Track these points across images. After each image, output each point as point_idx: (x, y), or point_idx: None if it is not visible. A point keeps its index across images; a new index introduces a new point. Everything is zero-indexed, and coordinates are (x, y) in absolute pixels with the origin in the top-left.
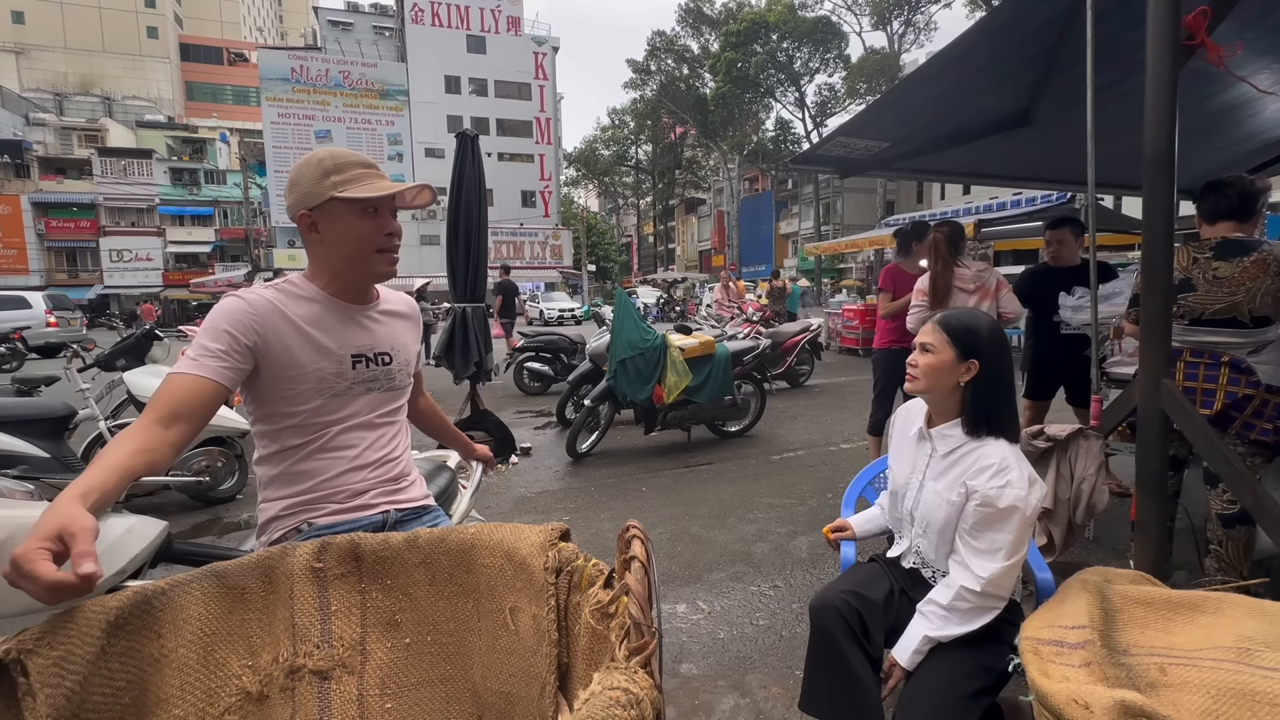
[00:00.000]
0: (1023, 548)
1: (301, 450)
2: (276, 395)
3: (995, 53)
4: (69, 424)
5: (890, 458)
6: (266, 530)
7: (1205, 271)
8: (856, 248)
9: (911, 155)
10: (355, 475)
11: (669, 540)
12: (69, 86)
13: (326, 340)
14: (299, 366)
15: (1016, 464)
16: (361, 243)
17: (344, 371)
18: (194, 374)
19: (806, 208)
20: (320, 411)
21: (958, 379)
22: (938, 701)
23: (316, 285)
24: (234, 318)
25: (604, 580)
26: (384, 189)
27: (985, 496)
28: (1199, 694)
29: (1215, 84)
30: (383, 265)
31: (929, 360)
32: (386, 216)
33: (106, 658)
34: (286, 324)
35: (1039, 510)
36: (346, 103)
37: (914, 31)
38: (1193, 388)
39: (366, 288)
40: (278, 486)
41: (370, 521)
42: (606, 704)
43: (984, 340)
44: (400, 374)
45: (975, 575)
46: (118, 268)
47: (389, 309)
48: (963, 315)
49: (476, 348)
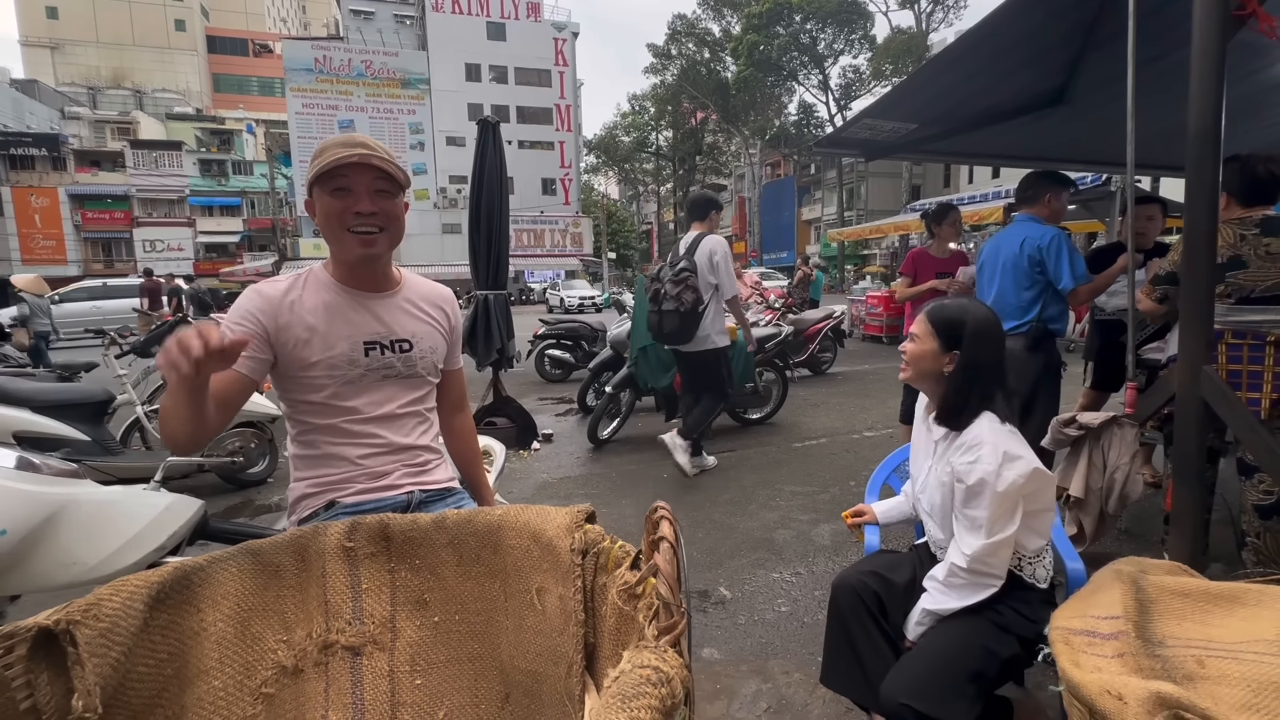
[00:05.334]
0: (1005, 524)
1: (326, 433)
2: (294, 382)
3: (1029, 29)
4: (108, 408)
5: (911, 446)
6: (296, 509)
7: (1256, 248)
8: (881, 233)
9: (940, 137)
10: (380, 459)
11: (690, 526)
12: (101, 80)
13: (335, 327)
14: (309, 354)
15: (991, 440)
16: (333, 222)
17: (356, 359)
18: None
19: (829, 193)
20: (337, 397)
21: (941, 369)
22: (931, 668)
23: (329, 273)
24: (248, 312)
25: (630, 561)
26: (328, 160)
27: (958, 472)
28: (1239, 687)
29: (1265, 57)
30: (355, 246)
31: (913, 349)
32: (359, 196)
33: (149, 630)
34: (296, 313)
35: (1022, 487)
36: (369, 92)
37: (943, 9)
38: (1237, 369)
39: (365, 272)
40: (307, 467)
41: (395, 501)
42: (637, 681)
43: (966, 332)
44: (423, 362)
45: (962, 552)
46: (151, 258)
47: (413, 297)
48: (950, 306)
49: (499, 335)
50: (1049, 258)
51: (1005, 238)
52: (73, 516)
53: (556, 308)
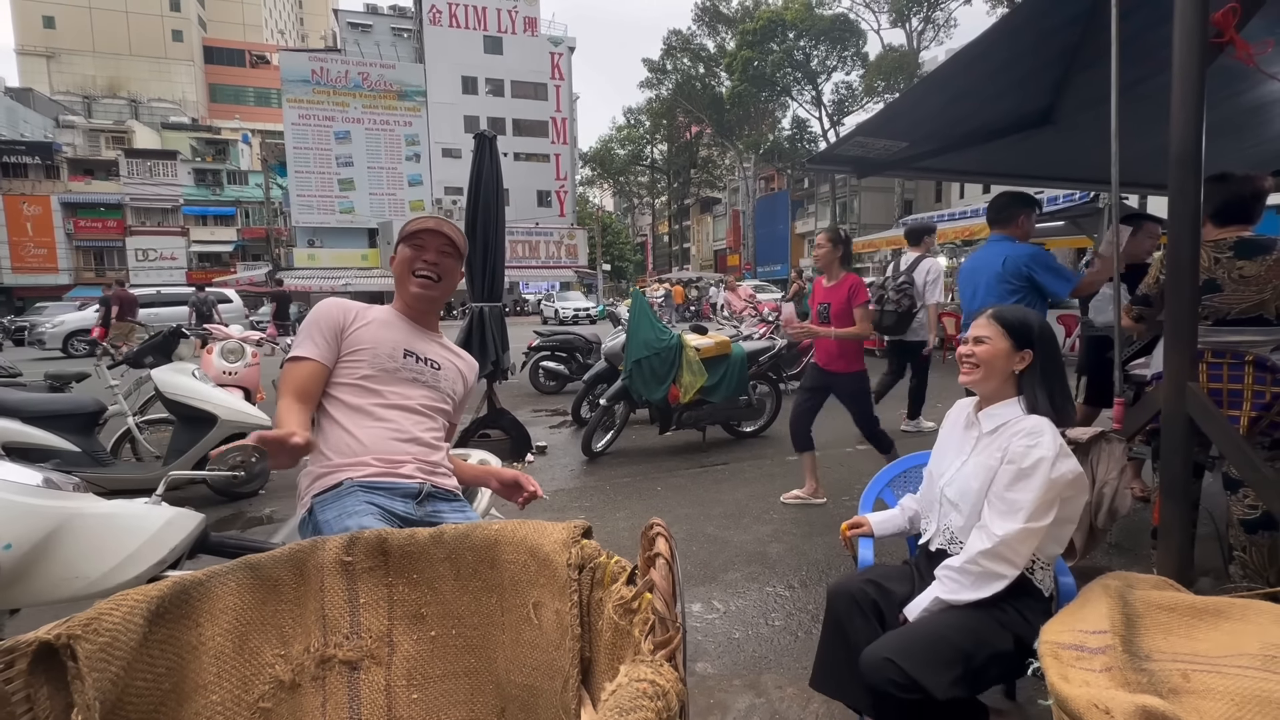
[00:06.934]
0: (1044, 514)
1: (352, 413)
2: (341, 364)
3: (1016, 51)
4: (99, 419)
5: (935, 451)
6: (311, 487)
7: (1230, 271)
8: (873, 247)
9: (931, 155)
10: (398, 446)
11: (684, 540)
12: (97, 89)
13: (388, 332)
14: (363, 341)
15: (1051, 432)
16: (405, 266)
17: (396, 355)
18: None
19: (823, 207)
20: (371, 380)
21: (1012, 368)
22: (921, 636)
23: (395, 307)
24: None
25: (626, 577)
26: (414, 225)
27: (1013, 453)
28: (1223, 701)
29: (1245, 81)
30: (413, 286)
31: (985, 350)
32: (428, 250)
33: (148, 645)
34: (364, 316)
35: (1068, 484)
36: (365, 104)
37: (934, 28)
38: (1217, 389)
39: (420, 312)
40: (324, 451)
41: (407, 487)
42: (634, 695)
43: (1036, 332)
44: (446, 384)
45: (991, 534)
46: (143, 266)
47: (447, 345)
48: (1013, 310)
49: (494, 346)
50: (1038, 272)
51: (983, 257)
52: (76, 531)
53: (551, 319)
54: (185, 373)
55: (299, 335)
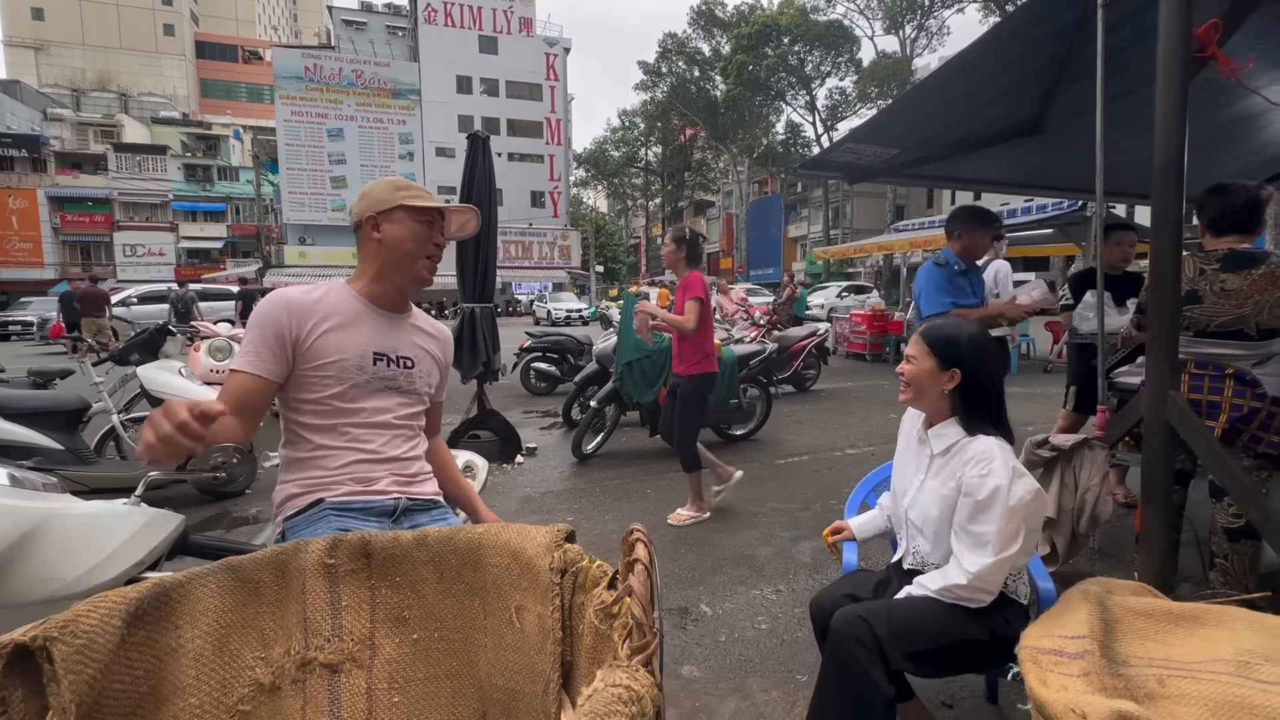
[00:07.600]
0: (1012, 542)
1: (323, 434)
2: (302, 380)
3: (1005, 62)
4: (83, 417)
5: (895, 461)
6: (283, 508)
7: (1213, 284)
8: (865, 252)
9: (921, 162)
10: (371, 467)
11: (672, 543)
12: (86, 82)
13: (352, 335)
14: (325, 354)
15: (1000, 455)
16: (417, 243)
17: (365, 365)
18: (246, 371)
19: (816, 211)
20: (341, 398)
21: (941, 387)
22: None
23: (355, 288)
24: (272, 320)
25: (608, 581)
26: (444, 204)
27: (968, 485)
28: (1196, 706)
29: (1229, 94)
30: (425, 270)
31: (911, 370)
32: (439, 231)
33: (126, 647)
34: (320, 317)
35: (1028, 505)
36: (359, 101)
37: (926, 36)
38: (1198, 400)
39: (403, 294)
40: (297, 468)
41: (382, 505)
42: (609, 700)
43: (964, 350)
44: (421, 381)
45: (964, 570)
46: (130, 262)
47: (419, 324)
48: (944, 325)
49: (484, 348)
50: (921, 289)
51: (923, 268)
52: (52, 532)
53: (543, 320)
54: (172, 370)
55: (244, 339)
